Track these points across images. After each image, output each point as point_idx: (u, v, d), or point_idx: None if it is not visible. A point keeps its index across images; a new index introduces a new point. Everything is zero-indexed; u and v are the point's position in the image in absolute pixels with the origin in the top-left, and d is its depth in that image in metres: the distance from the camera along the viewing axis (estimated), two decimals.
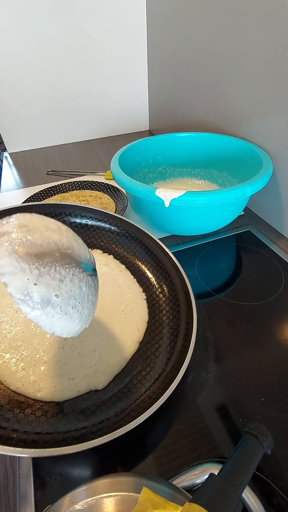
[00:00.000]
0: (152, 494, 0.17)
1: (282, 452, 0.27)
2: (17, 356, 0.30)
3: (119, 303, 0.36)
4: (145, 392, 0.29)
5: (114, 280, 0.38)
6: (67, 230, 0.21)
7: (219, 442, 0.28)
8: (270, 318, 0.39)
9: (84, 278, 0.20)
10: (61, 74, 0.84)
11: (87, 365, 0.31)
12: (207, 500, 0.16)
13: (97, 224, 0.42)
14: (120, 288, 0.37)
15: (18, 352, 0.31)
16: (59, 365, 0.30)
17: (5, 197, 0.69)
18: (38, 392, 0.28)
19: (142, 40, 0.86)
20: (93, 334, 0.33)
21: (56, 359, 0.30)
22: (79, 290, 0.20)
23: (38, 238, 0.18)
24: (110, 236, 0.42)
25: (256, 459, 0.19)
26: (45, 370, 0.30)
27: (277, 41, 0.43)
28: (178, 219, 0.47)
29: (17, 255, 0.17)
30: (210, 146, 0.60)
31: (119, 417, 0.27)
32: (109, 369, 0.31)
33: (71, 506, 0.18)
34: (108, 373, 0.31)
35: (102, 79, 0.88)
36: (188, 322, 0.33)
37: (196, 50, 0.63)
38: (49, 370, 0.30)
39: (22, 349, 0.31)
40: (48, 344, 0.32)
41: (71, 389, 0.29)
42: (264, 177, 0.43)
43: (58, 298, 0.18)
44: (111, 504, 0.18)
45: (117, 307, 0.35)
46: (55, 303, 0.18)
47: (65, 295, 0.19)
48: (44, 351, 0.31)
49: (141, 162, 0.61)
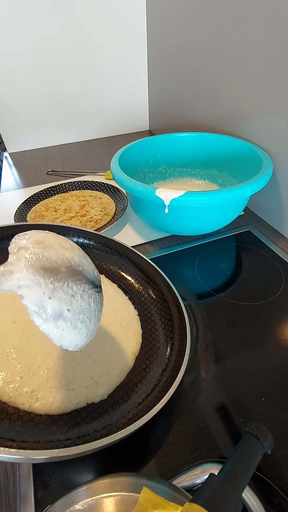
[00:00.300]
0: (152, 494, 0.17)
1: (282, 452, 0.27)
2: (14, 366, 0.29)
3: (115, 317, 0.36)
4: (143, 402, 0.29)
5: (108, 296, 0.39)
6: (78, 249, 0.22)
7: (219, 442, 0.28)
8: (270, 318, 0.39)
9: (92, 295, 0.21)
10: (61, 74, 0.84)
11: (87, 376, 0.30)
12: (207, 500, 0.16)
13: (87, 243, 0.44)
14: (115, 303, 0.38)
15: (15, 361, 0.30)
16: (59, 375, 0.29)
17: (5, 197, 0.69)
18: (35, 403, 0.27)
19: (142, 40, 0.86)
20: (94, 345, 0.33)
21: (56, 369, 0.30)
22: (88, 306, 0.21)
23: (53, 254, 0.20)
24: (100, 254, 0.43)
25: (256, 459, 0.19)
26: (44, 379, 0.29)
27: (277, 41, 0.43)
28: (178, 219, 0.47)
29: (34, 269, 0.18)
30: (210, 146, 0.60)
31: (106, 430, 0.26)
32: (110, 381, 0.30)
33: (71, 506, 0.18)
34: (109, 385, 0.30)
35: (102, 79, 0.88)
36: (181, 334, 0.33)
37: (196, 50, 0.63)
38: (48, 380, 0.29)
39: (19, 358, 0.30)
40: (48, 354, 0.31)
41: (71, 400, 0.28)
42: (264, 177, 0.43)
43: (69, 313, 0.19)
44: (111, 504, 0.18)
45: (115, 321, 0.36)
46: (66, 317, 0.19)
47: (76, 310, 0.20)
48: (43, 360, 0.30)
49: (141, 162, 0.61)
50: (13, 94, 0.82)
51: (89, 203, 0.62)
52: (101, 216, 0.57)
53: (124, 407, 0.28)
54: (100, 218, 0.57)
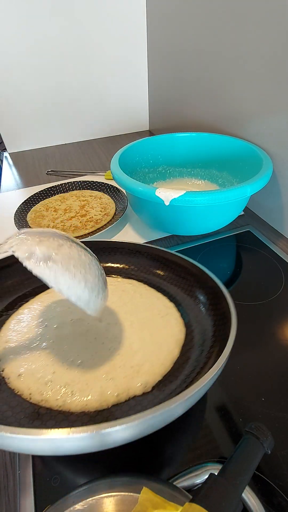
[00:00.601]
0: (152, 494, 0.17)
1: (282, 452, 0.27)
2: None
3: (152, 310, 0.35)
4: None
5: (140, 294, 0.37)
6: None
7: (219, 442, 0.28)
8: (270, 318, 0.39)
9: (82, 251, 0.24)
10: (61, 74, 0.84)
11: (127, 365, 0.28)
12: (207, 500, 0.16)
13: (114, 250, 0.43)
14: (149, 299, 0.36)
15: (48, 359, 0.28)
16: (95, 366, 0.28)
17: (5, 197, 0.69)
18: (70, 398, 0.25)
19: (142, 40, 0.86)
20: (132, 336, 0.31)
21: (92, 361, 0.28)
22: (77, 255, 0.23)
23: (40, 229, 0.24)
24: (127, 259, 0.42)
25: (256, 459, 0.20)
26: (79, 372, 0.27)
27: (277, 41, 0.43)
28: (178, 219, 0.47)
29: (23, 237, 0.22)
30: (210, 146, 0.60)
31: None
32: (153, 369, 0.28)
33: (71, 506, 0.18)
34: (152, 374, 0.27)
35: (102, 79, 0.88)
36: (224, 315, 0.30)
37: (196, 50, 0.63)
38: (84, 373, 0.27)
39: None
40: (84, 348, 0.30)
41: (109, 391, 0.26)
42: (264, 177, 0.43)
43: (58, 256, 0.22)
44: (111, 504, 0.18)
45: (152, 313, 0.34)
46: (56, 259, 0.22)
47: (64, 254, 0.22)
48: (78, 354, 0.29)
49: (141, 162, 0.61)
50: (13, 94, 0.82)
51: (89, 203, 0.62)
52: (101, 216, 0.57)
53: (171, 396, 0.25)
54: (100, 218, 0.57)
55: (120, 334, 0.31)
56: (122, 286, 0.38)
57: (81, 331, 0.31)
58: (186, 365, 0.28)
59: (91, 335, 0.31)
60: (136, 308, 0.35)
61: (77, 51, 0.82)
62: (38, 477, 0.26)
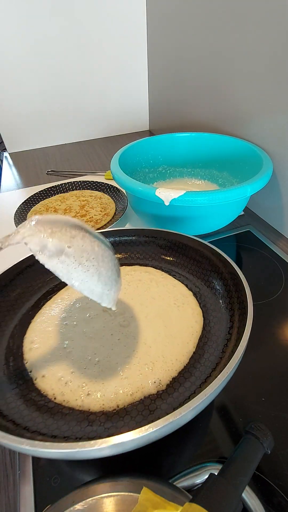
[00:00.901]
0: (152, 494, 0.17)
1: (282, 452, 0.27)
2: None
3: (167, 299, 0.34)
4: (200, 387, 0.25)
5: (157, 282, 0.37)
6: (81, 221, 0.25)
7: (219, 442, 0.28)
8: (270, 318, 0.39)
9: (95, 241, 0.23)
10: (61, 74, 0.84)
11: (142, 362, 0.28)
12: (207, 500, 0.16)
13: (130, 239, 0.42)
14: (166, 287, 0.36)
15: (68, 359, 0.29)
16: (111, 365, 0.28)
17: (5, 197, 0.69)
18: (87, 397, 0.26)
19: (142, 40, 0.86)
20: (146, 328, 0.31)
21: (108, 359, 0.28)
22: (91, 247, 0.22)
23: (52, 217, 0.23)
24: (144, 248, 0.42)
25: (256, 459, 0.20)
26: (96, 372, 0.27)
27: (277, 41, 0.43)
28: (178, 219, 0.47)
29: (35, 226, 0.22)
30: (210, 146, 0.60)
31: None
32: (167, 366, 0.27)
33: (71, 506, 0.18)
34: (166, 370, 0.27)
35: (102, 79, 0.88)
36: (240, 302, 0.29)
37: (196, 50, 0.63)
38: (100, 372, 0.27)
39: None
40: (100, 347, 0.30)
41: (123, 390, 0.26)
42: (264, 177, 0.43)
43: (70, 249, 0.21)
44: (111, 504, 0.18)
45: (167, 303, 0.34)
46: (68, 252, 0.21)
47: (77, 247, 0.22)
48: (94, 353, 0.29)
49: (141, 162, 0.61)
50: (13, 94, 0.82)
51: (89, 203, 0.62)
52: (101, 216, 0.57)
53: (186, 394, 0.25)
54: (100, 218, 0.57)
55: (135, 329, 0.31)
56: (138, 275, 0.38)
57: (98, 327, 0.31)
58: (201, 360, 0.28)
59: (107, 331, 0.31)
60: (152, 298, 0.35)
61: (77, 51, 0.82)
62: (38, 477, 0.26)
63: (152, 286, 0.36)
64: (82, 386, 0.26)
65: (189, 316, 0.32)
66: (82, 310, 0.34)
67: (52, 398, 0.26)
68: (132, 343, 0.29)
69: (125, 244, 0.42)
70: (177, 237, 0.40)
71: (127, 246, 0.42)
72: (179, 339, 0.30)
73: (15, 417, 0.24)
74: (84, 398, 0.25)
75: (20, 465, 0.28)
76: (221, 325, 0.31)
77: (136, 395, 0.25)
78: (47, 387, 0.27)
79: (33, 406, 0.25)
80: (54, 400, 0.26)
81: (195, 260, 0.38)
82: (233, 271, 0.32)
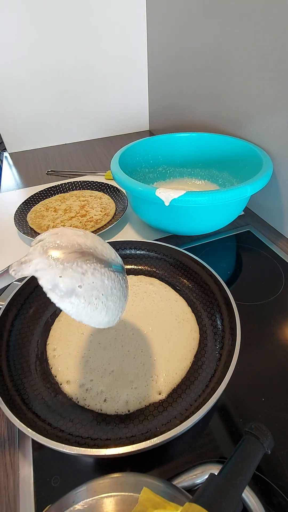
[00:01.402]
0: (152, 494, 0.17)
1: (282, 452, 0.27)
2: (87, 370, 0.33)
3: (170, 315, 0.38)
4: (199, 398, 0.29)
5: (161, 296, 0.40)
6: (92, 236, 0.24)
7: (219, 442, 0.28)
8: (270, 318, 0.39)
9: (106, 273, 0.23)
10: (61, 74, 0.84)
11: (148, 374, 0.32)
12: (207, 500, 0.16)
13: (138, 253, 0.46)
14: (168, 301, 0.39)
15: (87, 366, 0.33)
16: (123, 375, 0.32)
17: (5, 197, 0.69)
18: (105, 403, 0.30)
19: (142, 40, 0.86)
20: (153, 342, 0.35)
21: (121, 370, 0.32)
22: (101, 282, 0.22)
23: (65, 240, 0.22)
24: (150, 260, 0.46)
25: (256, 459, 0.19)
26: (111, 380, 0.31)
27: (277, 41, 0.43)
28: (178, 219, 0.47)
29: (46, 255, 0.21)
30: (210, 146, 0.60)
31: (166, 426, 0.28)
32: (169, 379, 0.31)
33: (71, 506, 0.18)
34: (168, 383, 0.31)
35: (102, 79, 0.88)
36: (231, 327, 0.33)
37: (196, 50, 0.63)
38: (114, 381, 0.31)
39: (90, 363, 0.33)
40: (113, 357, 0.33)
41: (132, 399, 0.30)
42: (264, 177, 0.43)
43: (81, 289, 0.21)
44: (111, 504, 0.18)
45: (170, 318, 0.37)
46: (78, 293, 0.21)
47: (87, 286, 0.21)
48: (109, 363, 0.33)
49: (141, 162, 0.61)
50: (13, 94, 0.82)
51: (89, 203, 0.62)
52: (101, 216, 0.57)
53: (182, 404, 0.29)
54: (100, 218, 0.57)
55: (143, 342, 0.35)
56: (144, 287, 0.42)
57: (110, 339, 0.35)
58: (197, 375, 0.32)
59: (118, 343, 0.35)
60: (156, 312, 0.38)
61: (77, 51, 0.82)
62: (38, 477, 0.27)
63: (157, 299, 0.40)
64: (100, 393, 0.30)
65: (188, 333, 0.36)
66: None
67: (76, 401, 0.30)
68: (139, 356, 0.33)
69: (134, 257, 0.46)
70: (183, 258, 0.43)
71: (136, 258, 0.46)
72: (180, 354, 0.33)
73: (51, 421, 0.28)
74: (102, 404, 0.30)
75: (20, 465, 0.28)
76: (213, 343, 0.34)
77: (143, 403, 0.30)
78: (71, 392, 0.31)
79: (61, 408, 0.29)
80: (77, 403, 0.30)
81: (198, 284, 0.41)
82: (226, 295, 0.36)
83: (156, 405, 0.30)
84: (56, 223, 0.56)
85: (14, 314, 0.36)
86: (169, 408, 0.29)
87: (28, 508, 0.25)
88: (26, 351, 0.34)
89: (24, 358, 0.34)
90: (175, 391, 0.31)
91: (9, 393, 0.29)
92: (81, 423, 0.28)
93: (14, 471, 0.28)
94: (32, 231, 0.55)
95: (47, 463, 0.27)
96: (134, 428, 0.28)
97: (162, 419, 0.28)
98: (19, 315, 0.37)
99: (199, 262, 0.41)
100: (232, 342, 0.32)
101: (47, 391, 0.31)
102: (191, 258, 0.41)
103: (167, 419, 0.28)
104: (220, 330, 0.35)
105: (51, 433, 0.27)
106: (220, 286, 0.37)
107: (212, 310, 0.37)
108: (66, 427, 0.28)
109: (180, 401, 0.30)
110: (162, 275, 0.44)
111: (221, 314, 0.36)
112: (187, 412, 0.28)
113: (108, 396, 0.30)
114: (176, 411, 0.29)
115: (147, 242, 0.45)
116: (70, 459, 0.28)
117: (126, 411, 0.29)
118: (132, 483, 0.19)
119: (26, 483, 0.26)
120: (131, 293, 0.40)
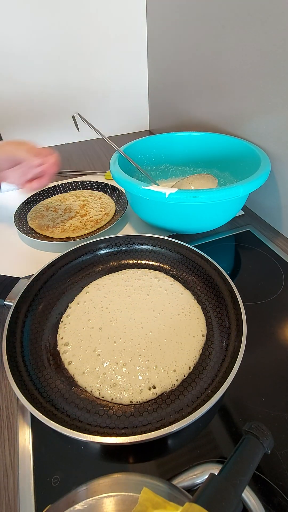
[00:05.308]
0: (152, 494, 0.17)
1: (282, 452, 0.27)
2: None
3: (176, 307, 0.39)
4: (208, 388, 0.31)
5: (166, 289, 0.41)
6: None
7: (219, 442, 0.28)
8: (270, 318, 0.39)
9: None
10: (61, 74, 0.84)
11: (160, 366, 0.32)
12: (207, 500, 0.16)
13: (143, 248, 0.47)
14: (174, 295, 0.40)
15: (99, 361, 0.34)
16: (135, 367, 0.32)
17: (5, 197, 0.69)
18: (120, 394, 0.31)
19: (142, 40, 0.86)
20: (160, 335, 0.35)
21: (133, 363, 0.33)
22: None
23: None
24: (154, 255, 0.46)
25: (256, 459, 0.19)
26: (125, 372, 0.32)
27: (277, 41, 0.43)
28: (177, 218, 0.47)
29: None
30: (210, 145, 0.60)
31: (178, 414, 0.29)
32: (178, 370, 0.32)
33: (71, 506, 0.18)
34: (178, 374, 0.32)
35: (102, 78, 0.88)
36: (237, 318, 0.34)
37: (196, 50, 0.63)
38: (128, 373, 0.32)
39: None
40: (123, 350, 0.34)
41: (143, 389, 0.31)
42: (260, 177, 0.43)
43: None
44: (111, 504, 0.18)
45: (176, 310, 0.38)
46: None
47: None
48: (120, 357, 0.33)
49: (143, 160, 0.61)
50: (13, 94, 0.82)
51: (89, 203, 0.62)
52: (101, 216, 0.57)
53: (193, 392, 0.31)
54: (100, 218, 0.57)
55: (152, 334, 0.35)
56: (149, 281, 0.42)
57: (120, 332, 0.36)
58: (205, 364, 0.33)
59: (128, 336, 0.35)
60: (163, 305, 0.39)
61: (77, 51, 0.82)
62: (38, 477, 0.27)
63: (162, 293, 0.41)
64: (113, 385, 0.31)
65: (195, 324, 0.36)
66: (104, 315, 0.38)
67: (90, 392, 0.31)
68: (149, 348, 0.34)
69: (139, 252, 0.47)
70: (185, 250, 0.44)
71: (140, 253, 0.47)
72: (188, 345, 0.34)
73: (69, 412, 0.30)
74: (116, 394, 0.31)
75: (20, 465, 0.28)
76: (219, 333, 0.36)
77: (156, 392, 0.31)
78: (85, 384, 0.32)
79: (77, 399, 0.31)
80: (92, 394, 0.31)
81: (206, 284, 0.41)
82: (231, 289, 0.36)
83: (168, 394, 0.31)
84: (56, 223, 0.56)
85: (25, 312, 0.37)
86: (180, 397, 0.30)
87: (28, 508, 0.25)
88: (39, 347, 0.35)
89: (37, 353, 0.34)
90: (185, 381, 0.32)
91: (27, 388, 0.30)
92: (98, 414, 0.29)
93: (14, 471, 0.28)
94: (32, 231, 0.55)
95: (47, 463, 0.27)
96: (149, 416, 0.29)
97: (175, 407, 0.30)
98: (30, 312, 0.37)
99: (203, 256, 0.41)
100: (238, 333, 0.32)
101: (63, 384, 0.32)
102: (196, 253, 0.42)
103: (179, 407, 0.29)
104: (225, 322, 0.36)
105: (71, 424, 0.28)
106: (225, 279, 0.38)
107: (217, 302, 0.38)
108: (84, 418, 0.29)
109: (191, 389, 0.31)
110: (166, 269, 0.45)
111: (226, 306, 0.37)
112: (198, 400, 0.30)
113: (121, 387, 0.31)
114: (187, 399, 0.30)
115: (152, 237, 0.46)
116: (70, 458, 0.28)
117: (140, 400, 0.30)
118: (132, 483, 0.19)
119: (26, 483, 0.26)
120: (137, 287, 0.41)
